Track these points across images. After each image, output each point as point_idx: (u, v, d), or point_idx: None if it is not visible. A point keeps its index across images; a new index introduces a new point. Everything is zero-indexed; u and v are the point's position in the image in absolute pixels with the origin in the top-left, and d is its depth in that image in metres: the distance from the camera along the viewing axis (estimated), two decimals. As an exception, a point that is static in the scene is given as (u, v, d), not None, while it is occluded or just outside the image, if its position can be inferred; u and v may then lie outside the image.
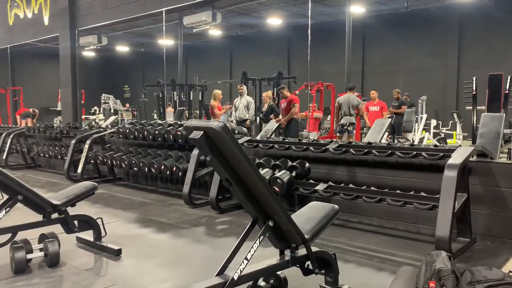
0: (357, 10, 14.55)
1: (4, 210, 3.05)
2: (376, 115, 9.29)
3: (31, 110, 16.60)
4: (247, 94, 9.85)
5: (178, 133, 5.64)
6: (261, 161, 4.74)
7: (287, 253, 2.40)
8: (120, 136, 6.61)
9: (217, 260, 2.24)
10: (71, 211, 3.35)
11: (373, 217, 4.15)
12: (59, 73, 9.86)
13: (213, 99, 9.81)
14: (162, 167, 5.48)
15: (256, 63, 18.68)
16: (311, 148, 4.58)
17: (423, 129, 11.53)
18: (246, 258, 2.14)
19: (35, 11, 10.62)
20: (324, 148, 4.44)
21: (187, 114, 13.19)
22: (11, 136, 8.58)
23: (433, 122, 12.36)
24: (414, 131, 11.18)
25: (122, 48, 23.41)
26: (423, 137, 10.85)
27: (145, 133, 6.10)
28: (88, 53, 18.52)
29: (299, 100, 8.62)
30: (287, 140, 5.23)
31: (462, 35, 15.71)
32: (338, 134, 8.85)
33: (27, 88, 18.11)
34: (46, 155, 7.77)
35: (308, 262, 2.46)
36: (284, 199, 4.73)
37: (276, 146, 4.89)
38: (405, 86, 15.80)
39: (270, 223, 2.24)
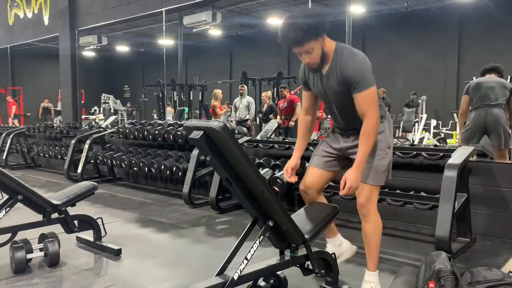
0: (357, 10, 14.55)
1: (4, 210, 3.05)
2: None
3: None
4: (247, 94, 9.86)
5: (178, 133, 5.64)
6: (261, 161, 4.74)
7: (287, 253, 2.41)
8: (120, 136, 6.61)
9: (217, 260, 2.24)
10: (71, 211, 3.35)
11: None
12: (59, 73, 9.85)
13: (214, 99, 9.82)
14: (162, 167, 5.48)
15: (256, 63, 18.67)
16: (311, 148, 4.56)
17: (423, 129, 11.52)
18: (246, 258, 2.14)
19: (35, 11, 10.62)
20: (324, 148, 4.44)
21: (187, 114, 13.19)
22: (11, 136, 8.58)
23: (433, 122, 12.36)
24: (414, 131, 11.18)
25: (122, 48, 23.39)
26: (423, 137, 10.85)
27: (145, 133, 6.10)
28: (88, 53, 18.51)
29: (300, 100, 8.64)
30: (287, 140, 5.23)
31: (462, 35, 15.71)
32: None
33: (27, 88, 18.12)
34: (46, 155, 7.77)
35: (308, 262, 2.47)
36: (284, 199, 4.73)
37: (276, 146, 4.89)
38: (405, 86, 15.83)
39: (270, 223, 2.24)
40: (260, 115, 10.10)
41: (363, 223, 2.51)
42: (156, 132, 5.93)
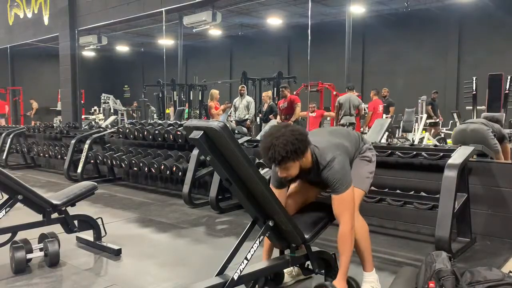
0: (357, 10, 14.55)
1: (4, 210, 3.05)
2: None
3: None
4: (247, 94, 9.86)
5: (178, 133, 5.64)
6: (261, 161, 4.74)
7: (287, 253, 2.41)
8: (120, 136, 6.61)
9: (217, 260, 2.24)
10: (71, 211, 3.35)
11: (373, 217, 4.15)
12: (59, 73, 9.85)
13: (210, 99, 9.83)
14: (162, 167, 5.48)
15: (256, 63, 18.68)
16: None
17: (423, 129, 11.52)
18: (246, 258, 2.14)
19: (35, 11, 10.61)
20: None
21: (187, 114, 13.20)
22: (11, 136, 8.58)
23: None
24: (414, 131, 11.17)
25: (122, 48, 23.40)
26: (423, 137, 10.85)
27: (145, 133, 6.10)
28: (88, 53, 18.50)
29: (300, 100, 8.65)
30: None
31: (462, 35, 15.71)
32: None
33: (27, 88, 18.12)
34: (46, 155, 7.76)
35: (308, 262, 2.47)
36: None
37: (276, 146, 4.88)
38: (405, 86, 15.83)
39: (270, 223, 2.24)
40: (260, 115, 10.10)
41: None
42: (156, 132, 5.93)
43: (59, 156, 7.44)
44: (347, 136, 2.60)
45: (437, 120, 11.76)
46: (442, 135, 11.88)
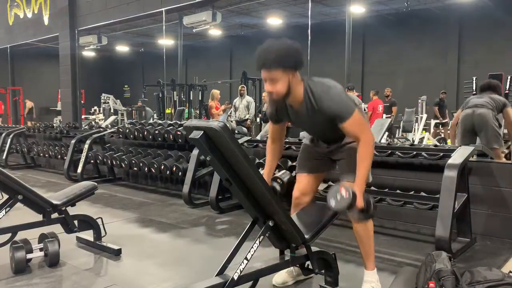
0: (357, 10, 14.55)
1: (4, 210, 3.05)
2: None
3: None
4: (247, 94, 9.88)
5: (178, 133, 5.64)
6: (261, 161, 4.74)
7: (287, 253, 2.41)
8: (120, 136, 6.61)
9: (217, 260, 2.24)
10: (71, 211, 3.35)
11: (373, 217, 4.14)
12: (59, 73, 9.86)
13: (211, 99, 9.84)
14: (162, 167, 5.48)
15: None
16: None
17: (423, 129, 11.53)
18: (246, 258, 2.14)
19: (35, 11, 10.62)
20: (324, 148, 4.43)
21: (187, 114, 13.20)
22: (11, 136, 8.58)
23: (433, 122, 12.37)
24: (414, 131, 11.18)
25: (122, 48, 23.41)
26: (423, 137, 10.85)
27: (145, 133, 6.10)
28: (88, 53, 18.51)
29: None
30: (287, 140, 5.23)
31: (462, 35, 15.72)
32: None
33: (27, 88, 18.12)
34: (46, 155, 7.76)
35: (308, 262, 2.47)
36: (284, 199, 4.71)
37: (276, 146, 4.88)
38: (405, 86, 15.83)
39: (270, 223, 2.24)
40: (260, 115, 10.11)
41: (354, 223, 2.51)
42: (156, 132, 5.93)
43: (59, 156, 7.44)
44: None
45: (444, 121, 11.76)
46: (442, 135, 11.89)
